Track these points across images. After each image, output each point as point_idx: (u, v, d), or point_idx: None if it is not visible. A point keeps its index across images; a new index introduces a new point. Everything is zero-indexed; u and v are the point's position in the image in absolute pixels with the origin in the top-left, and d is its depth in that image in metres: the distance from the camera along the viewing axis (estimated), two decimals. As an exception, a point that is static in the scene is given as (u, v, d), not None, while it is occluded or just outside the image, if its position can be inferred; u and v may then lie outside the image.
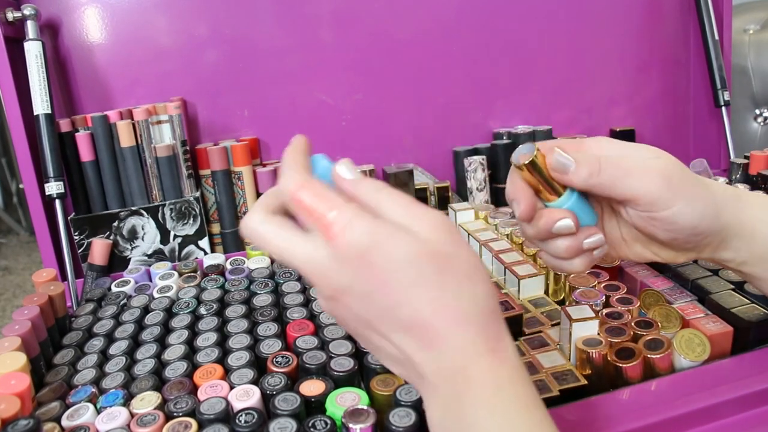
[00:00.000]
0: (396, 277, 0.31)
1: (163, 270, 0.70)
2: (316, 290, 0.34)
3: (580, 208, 0.42)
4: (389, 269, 0.31)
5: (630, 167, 0.40)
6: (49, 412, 0.45)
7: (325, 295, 0.33)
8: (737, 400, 0.44)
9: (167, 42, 0.83)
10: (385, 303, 0.31)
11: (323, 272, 0.32)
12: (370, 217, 0.31)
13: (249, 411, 0.42)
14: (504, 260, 0.66)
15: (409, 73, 0.91)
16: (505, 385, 0.31)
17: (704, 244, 0.43)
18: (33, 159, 0.73)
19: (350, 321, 0.34)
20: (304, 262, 0.32)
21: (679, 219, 0.40)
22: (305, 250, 0.32)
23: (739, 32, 1.29)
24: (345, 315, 0.34)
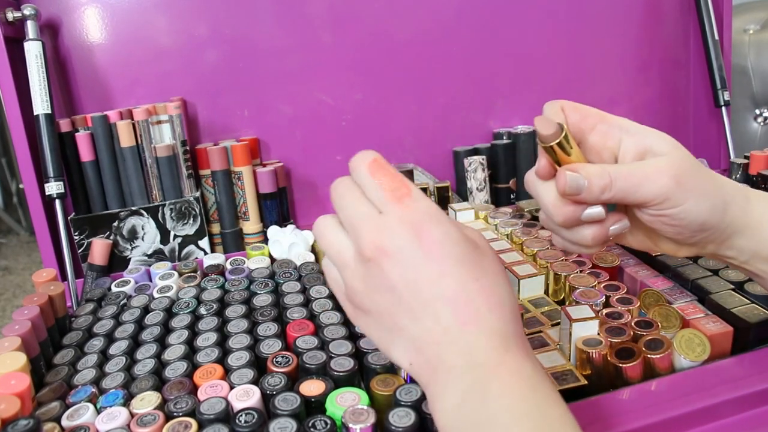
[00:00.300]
0: (448, 251, 0.33)
1: (163, 270, 0.70)
2: (358, 250, 0.35)
3: None
4: (443, 241, 0.33)
5: (640, 177, 0.40)
6: (49, 412, 0.45)
7: (366, 256, 0.34)
8: (737, 400, 0.44)
9: (167, 42, 0.83)
10: (432, 271, 0.33)
11: (378, 229, 0.34)
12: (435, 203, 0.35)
13: (249, 411, 0.42)
14: (504, 260, 0.66)
15: (409, 73, 0.91)
16: (530, 377, 0.32)
17: (708, 240, 0.43)
18: (33, 159, 0.73)
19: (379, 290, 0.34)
20: (363, 217, 0.34)
21: (688, 216, 0.40)
22: (368, 209, 0.35)
23: (739, 32, 1.29)
24: (378, 282, 0.34)
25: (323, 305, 0.58)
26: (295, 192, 0.92)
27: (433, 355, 0.33)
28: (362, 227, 0.34)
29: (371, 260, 0.34)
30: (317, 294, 0.60)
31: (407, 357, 0.34)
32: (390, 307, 0.34)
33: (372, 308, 0.35)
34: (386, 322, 0.35)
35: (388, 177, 0.35)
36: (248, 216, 0.83)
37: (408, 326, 0.34)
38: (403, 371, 0.47)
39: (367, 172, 0.35)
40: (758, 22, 1.30)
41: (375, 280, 0.34)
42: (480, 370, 0.32)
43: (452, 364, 0.32)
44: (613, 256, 0.64)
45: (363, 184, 0.36)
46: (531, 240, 0.70)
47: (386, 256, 0.33)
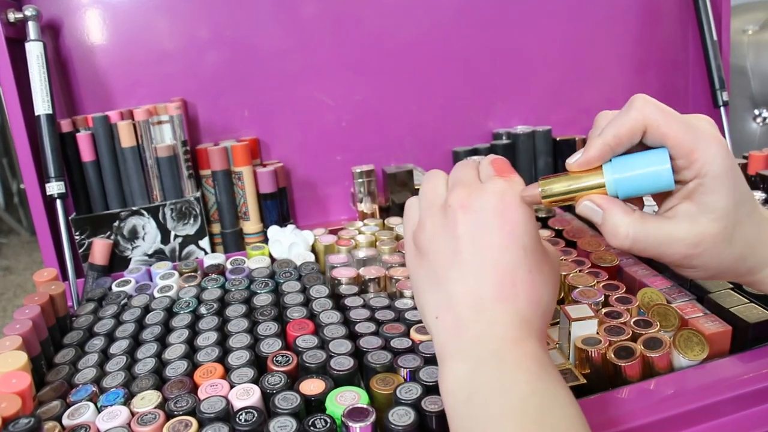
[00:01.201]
0: (520, 234, 0.36)
1: (163, 270, 0.70)
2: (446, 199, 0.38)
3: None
4: (520, 224, 0.36)
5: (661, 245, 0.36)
6: (49, 411, 0.45)
7: (450, 204, 0.37)
8: (736, 399, 0.44)
9: (168, 43, 0.84)
10: (499, 241, 0.35)
11: (471, 190, 0.37)
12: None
13: (249, 410, 0.42)
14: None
15: (408, 74, 0.92)
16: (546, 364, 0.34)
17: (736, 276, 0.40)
18: (34, 159, 0.73)
19: (445, 236, 0.37)
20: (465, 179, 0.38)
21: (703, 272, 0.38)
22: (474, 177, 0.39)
23: (738, 33, 1.29)
24: (448, 229, 0.37)
25: (323, 305, 0.58)
26: (295, 192, 0.92)
27: (461, 316, 0.35)
28: (460, 185, 0.38)
29: (451, 208, 0.37)
30: (317, 293, 0.60)
31: (436, 310, 0.37)
32: (447, 254, 0.36)
33: (430, 251, 0.38)
34: (436, 268, 0.37)
35: (503, 165, 0.39)
36: (248, 216, 0.83)
37: (453, 279, 0.36)
38: (403, 371, 0.47)
39: (488, 159, 0.40)
40: (757, 23, 1.30)
41: (446, 227, 0.37)
42: (500, 343, 0.34)
43: (475, 332, 0.34)
44: (612, 256, 0.64)
45: (481, 166, 0.40)
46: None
47: (465, 210, 0.36)
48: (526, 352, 0.34)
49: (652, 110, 0.35)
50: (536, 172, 0.93)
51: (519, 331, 0.34)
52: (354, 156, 0.92)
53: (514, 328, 0.34)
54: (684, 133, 0.35)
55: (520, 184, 0.38)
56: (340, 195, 0.94)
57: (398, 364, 0.48)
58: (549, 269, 0.38)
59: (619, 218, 0.36)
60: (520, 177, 0.39)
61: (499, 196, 0.37)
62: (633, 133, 0.35)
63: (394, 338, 0.51)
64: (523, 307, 0.35)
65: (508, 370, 0.33)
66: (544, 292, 0.37)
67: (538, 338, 0.35)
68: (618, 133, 0.35)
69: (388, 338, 0.52)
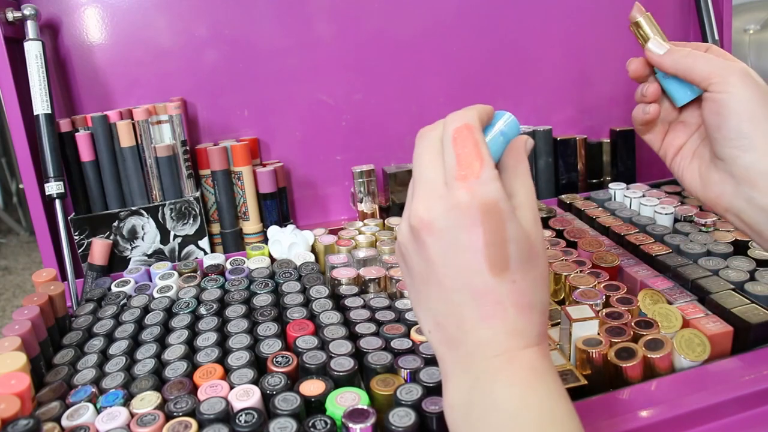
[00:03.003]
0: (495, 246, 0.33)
1: (163, 270, 0.70)
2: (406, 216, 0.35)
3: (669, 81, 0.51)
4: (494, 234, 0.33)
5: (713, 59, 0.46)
6: (49, 412, 0.45)
7: (412, 223, 0.34)
8: (737, 400, 0.44)
9: (167, 42, 0.83)
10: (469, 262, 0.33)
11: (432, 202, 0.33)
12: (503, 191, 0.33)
13: (249, 411, 0.42)
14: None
15: (409, 73, 0.91)
16: (545, 373, 0.33)
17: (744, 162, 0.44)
18: (33, 159, 0.73)
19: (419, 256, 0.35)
20: (427, 183, 0.34)
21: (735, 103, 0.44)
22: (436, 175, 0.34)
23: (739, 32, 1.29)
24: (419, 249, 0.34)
25: (323, 305, 0.58)
26: (295, 192, 0.92)
27: (450, 334, 0.34)
28: (420, 194, 0.34)
29: (415, 229, 0.34)
30: (317, 294, 0.60)
31: (427, 324, 0.36)
32: (423, 274, 0.35)
33: (412, 267, 0.36)
34: (420, 285, 0.35)
35: (467, 150, 0.33)
36: (248, 216, 0.83)
37: (434, 299, 0.34)
38: (403, 371, 0.47)
39: (450, 137, 0.34)
40: (758, 22, 1.30)
41: (416, 246, 0.35)
42: (494, 360, 0.33)
43: (467, 350, 0.33)
44: (613, 256, 0.64)
45: (444, 147, 0.35)
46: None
47: (430, 231, 0.33)
48: (521, 365, 0.32)
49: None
50: (536, 172, 0.93)
51: (510, 345, 0.33)
52: (354, 156, 0.92)
53: (505, 343, 0.33)
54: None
55: (488, 182, 0.33)
56: (340, 195, 0.93)
57: (398, 365, 0.47)
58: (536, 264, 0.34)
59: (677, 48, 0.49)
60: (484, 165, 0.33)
61: (463, 211, 0.32)
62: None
63: (395, 339, 0.51)
64: (513, 319, 0.33)
65: (501, 386, 0.32)
66: (534, 295, 0.34)
67: (537, 343, 0.33)
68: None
69: (388, 339, 0.51)
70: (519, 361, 0.32)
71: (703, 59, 0.46)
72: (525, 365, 0.32)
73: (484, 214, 0.32)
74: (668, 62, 0.48)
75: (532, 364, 0.33)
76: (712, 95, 0.45)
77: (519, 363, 0.32)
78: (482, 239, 0.32)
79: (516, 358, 0.33)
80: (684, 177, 0.51)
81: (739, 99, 0.43)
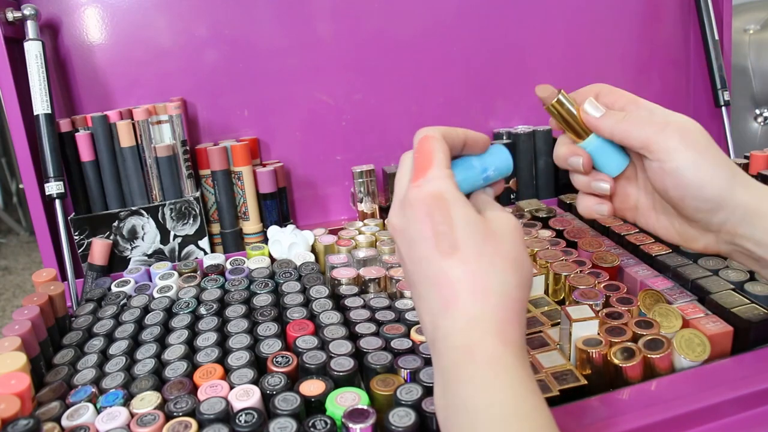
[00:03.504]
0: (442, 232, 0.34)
1: (163, 270, 0.70)
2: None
3: (603, 153, 0.45)
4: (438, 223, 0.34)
5: (653, 119, 0.42)
6: (49, 412, 0.45)
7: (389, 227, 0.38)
8: (737, 400, 0.44)
9: (167, 42, 0.83)
10: (424, 253, 0.34)
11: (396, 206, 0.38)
12: (450, 186, 0.35)
13: (249, 411, 0.42)
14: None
15: (409, 73, 0.91)
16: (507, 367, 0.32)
17: (719, 220, 0.42)
18: (33, 159, 0.73)
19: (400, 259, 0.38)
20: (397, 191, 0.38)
21: (687, 173, 0.40)
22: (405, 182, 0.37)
23: (739, 32, 1.29)
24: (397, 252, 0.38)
25: (323, 305, 0.58)
26: (295, 192, 0.92)
27: (429, 334, 0.35)
28: (394, 201, 0.38)
29: (391, 231, 0.38)
30: (317, 294, 0.60)
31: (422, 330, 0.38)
32: (407, 278, 0.37)
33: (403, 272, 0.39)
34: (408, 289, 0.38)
35: (423, 156, 0.37)
36: (248, 216, 0.83)
37: (416, 300, 0.36)
38: (403, 371, 0.47)
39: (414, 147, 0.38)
40: (758, 22, 1.30)
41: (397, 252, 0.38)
42: (456, 354, 0.32)
43: (438, 348, 0.34)
44: (613, 256, 0.64)
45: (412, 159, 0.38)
46: (531, 240, 0.70)
47: (396, 232, 0.37)
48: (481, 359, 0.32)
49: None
50: (536, 172, 0.93)
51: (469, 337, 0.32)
52: (354, 156, 0.92)
53: (464, 335, 0.32)
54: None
55: (433, 179, 0.35)
56: (340, 195, 0.93)
57: (398, 365, 0.47)
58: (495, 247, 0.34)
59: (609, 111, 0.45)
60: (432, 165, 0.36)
61: (413, 206, 0.35)
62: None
63: (395, 339, 0.51)
64: (468, 306, 0.33)
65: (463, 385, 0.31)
66: (492, 277, 0.33)
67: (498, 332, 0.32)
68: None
69: (388, 339, 0.51)
70: (478, 355, 0.32)
71: (638, 124, 0.42)
72: (484, 358, 0.32)
73: (429, 204, 0.35)
74: (606, 125, 0.43)
75: (491, 355, 0.32)
76: (660, 165, 0.41)
77: (479, 356, 0.32)
78: (430, 227, 0.34)
79: (475, 350, 0.32)
80: (657, 232, 0.47)
81: (688, 165, 0.40)
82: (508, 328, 0.33)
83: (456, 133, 0.39)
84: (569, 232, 0.72)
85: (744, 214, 0.41)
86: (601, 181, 0.46)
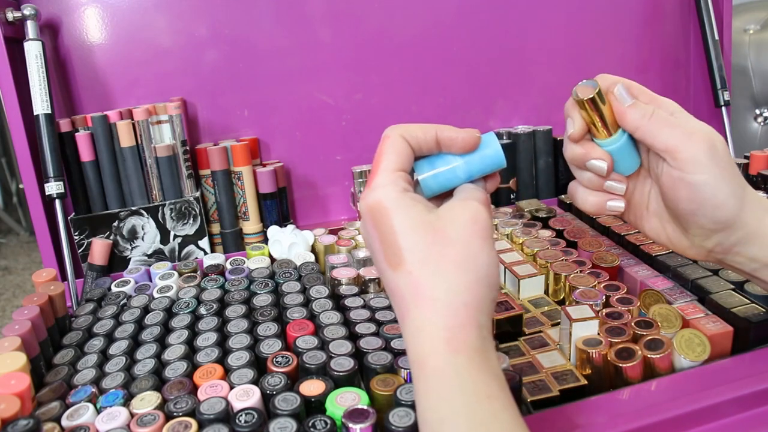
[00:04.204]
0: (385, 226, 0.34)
1: (163, 270, 0.70)
2: None
3: (623, 154, 0.43)
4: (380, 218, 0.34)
5: (680, 123, 0.41)
6: (49, 412, 0.45)
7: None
8: (737, 400, 0.44)
9: (167, 42, 0.83)
10: (379, 264, 0.35)
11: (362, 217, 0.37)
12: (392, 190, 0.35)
13: (249, 411, 0.42)
14: (504, 260, 0.66)
15: (408, 73, 0.91)
16: (456, 375, 0.31)
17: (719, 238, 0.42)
18: (33, 159, 0.73)
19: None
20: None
21: (706, 190, 0.39)
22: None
23: (739, 32, 1.29)
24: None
25: (323, 305, 0.58)
26: (295, 192, 0.92)
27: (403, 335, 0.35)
28: None
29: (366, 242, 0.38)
30: (317, 294, 0.60)
31: None
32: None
33: None
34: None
35: (374, 161, 0.37)
36: (248, 216, 0.83)
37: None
38: (403, 371, 0.47)
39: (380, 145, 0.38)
40: (758, 22, 1.30)
41: None
42: (412, 368, 0.33)
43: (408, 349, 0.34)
44: (613, 257, 0.64)
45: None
46: (531, 240, 0.70)
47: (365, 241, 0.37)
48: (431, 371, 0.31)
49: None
50: (536, 172, 0.93)
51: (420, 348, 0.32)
52: (354, 156, 0.92)
53: (415, 347, 0.32)
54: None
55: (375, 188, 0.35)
56: (340, 195, 0.93)
57: (399, 365, 0.47)
58: (437, 253, 0.33)
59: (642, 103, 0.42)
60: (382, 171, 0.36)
61: (364, 220, 0.36)
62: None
63: (395, 339, 0.51)
64: (414, 317, 0.32)
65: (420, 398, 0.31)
66: (437, 283, 0.32)
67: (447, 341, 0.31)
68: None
69: (388, 339, 0.51)
70: (428, 367, 0.31)
71: (666, 126, 0.40)
72: (434, 370, 0.31)
73: (372, 216, 0.35)
74: (633, 117, 0.41)
75: (440, 366, 0.31)
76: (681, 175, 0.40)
77: (429, 369, 0.31)
78: (377, 238, 0.34)
79: (424, 363, 0.31)
80: (646, 232, 0.47)
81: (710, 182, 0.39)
82: (459, 333, 0.32)
83: (423, 130, 0.37)
84: (569, 232, 0.72)
85: (744, 234, 0.41)
86: (617, 181, 0.44)
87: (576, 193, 0.47)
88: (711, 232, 0.42)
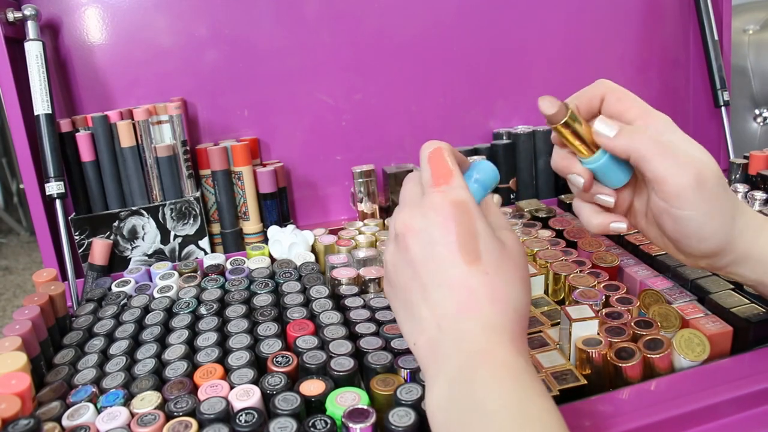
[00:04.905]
0: (466, 239, 0.35)
1: (163, 270, 0.70)
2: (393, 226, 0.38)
3: (607, 170, 0.43)
4: (464, 228, 0.35)
5: (670, 150, 0.39)
6: (49, 412, 0.45)
7: (396, 230, 0.37)
8: (737, 400, 0.44)
9: (167, 42, 0.83)
10: (446, 256, 0.35)
11: (411, 209, 0.37)
12: (471, 197, 0.37)
13: (249, 411, 0.42)
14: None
15: (408, 73, 0.91)
16: (521, 372, 0.33)
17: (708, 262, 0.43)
18: (33, 159, 0.73)
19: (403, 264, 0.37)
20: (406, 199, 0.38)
21: (691, 225, 0.40)
22: (415, 192, 0.38)
23: (739, 32, 1.29)
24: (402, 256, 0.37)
25: (323, 305, 0.58)
26: (295, 192, 0.92)
27: (432, 338, 0.35)
28: (402, 207, 0.38)
29: (399, 235, 0.37)
30: (317, 294, 0.60)
31: (414, 336, 0.36)
32: (409, 281, 0.37)
33: (397, 282, 0.38)
34: (404, 297, 0.37)
35: (439, 164, 0.37)
36: (248, 216, 0.83)
37: (419, 304, 0.36)
38: (403, 371, 0.47)
39: (425, 157, 0.38)
40: (758, 23, 1.30)
41: (400, 254, 0.37)
42: (470, 357, 0.33)
43: (446, 352, 0.34)
44: (612, 257, 0.64)
45: (421, 168, 0.39)
46: (531, 240, 0.71)
47: (411, 232, 0.36)
48: (496, 363, 0.32)
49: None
50: (536, 172, 0.93)
51: (486, 341, 0.33)
52: (354, 156, 0.92)
53: (481, 340, 0.33)
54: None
55: (457, 188, 0.36)
56: (340, 195, 0.94)
57: (398, 365, 0.47)
58: (510, 265, 0.36)
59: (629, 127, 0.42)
60: (453, 173, 0.37)
61: (437, 209, 0.36)
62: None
63: (395, 339, 0.51)
64: (488, 313, 0.34)
65: (478, 386, 0.32)
66: (509, 290, 0.35)
67: (512, 341, 0.34)
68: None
69: (388, 339, 0.52)
70: (494, 359, 0.33)
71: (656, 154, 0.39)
72: (499, 363, 0.33)
73: (454, 211, 0.35)
74: (620, 146, 0.40)
75: (507, 362, 0.33)
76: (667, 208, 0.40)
77: (494, 361, 0.33)
78: (455, 232, 0.35)
79: (491, 355, 0.33)
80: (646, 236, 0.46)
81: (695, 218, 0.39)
82: (518, 339, 0.35)
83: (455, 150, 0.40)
84: (569, 232, 0.72)
85: (734, 257, 0.42)
86: (604, 194, 0.44)
87: (581, 213, 0.47)
88: (698, 258, 0.43)
